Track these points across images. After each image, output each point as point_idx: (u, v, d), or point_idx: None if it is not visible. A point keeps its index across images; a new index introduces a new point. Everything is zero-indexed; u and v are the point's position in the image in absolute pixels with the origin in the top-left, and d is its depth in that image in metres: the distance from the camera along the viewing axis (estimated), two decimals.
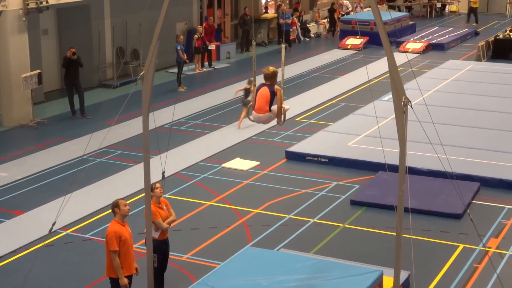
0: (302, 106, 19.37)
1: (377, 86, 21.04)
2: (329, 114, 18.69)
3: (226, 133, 17.03)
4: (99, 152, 15.12)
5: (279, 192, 13.26)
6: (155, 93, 19.25)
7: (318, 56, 27.24)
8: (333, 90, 21.39)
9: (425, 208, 12.20)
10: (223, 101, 19.97)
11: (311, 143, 15.76)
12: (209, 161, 15.04)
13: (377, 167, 13.74)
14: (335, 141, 15.82)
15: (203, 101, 20.06)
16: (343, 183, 13.72)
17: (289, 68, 24.41)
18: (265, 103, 8.94)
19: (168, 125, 16.58)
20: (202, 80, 23.21)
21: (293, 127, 17.39)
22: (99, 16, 21.85)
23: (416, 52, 27.40)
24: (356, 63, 25.37)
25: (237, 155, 15.32)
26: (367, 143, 15.41)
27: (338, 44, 29.13)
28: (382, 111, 16.79)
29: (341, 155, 14.86)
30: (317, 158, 14.90)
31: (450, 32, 31.11)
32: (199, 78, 23.54)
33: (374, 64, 24.67)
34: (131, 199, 12.58)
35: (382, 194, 12.69)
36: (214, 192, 13.27)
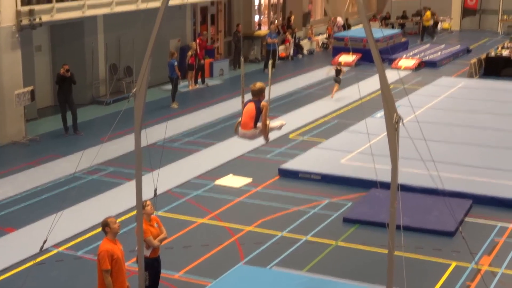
0: (295, 123, 19.39)
1: (369, 103, 21.10)
2: (322, 131, 18.72)
3: (219, 150, 17.03)
4: (91, 169, 15.09)
5: (272, 210, 13.24)
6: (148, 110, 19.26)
7: (311, 73, 27.32)
8: (326, 107, 21.43)
9: (418, 226, 12.19)
10: (216, 118, 19.99)
11: (304, 160, 15.76)
12: (201, 178, 15.02)
13: (369, 184, 13.74)
14: (328, 158, 15.83)
15: (196, 118, 20.07)
16: (335, 201, 13.71)
17: (282, 85, 24.47)
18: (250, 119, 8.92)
19: (160, 142, 16.58)
20: (195, 97, 23.23)
21: (286, 144, 17.40)
22: (93, 33, 21.89)
23: (409, 69, 27.52)
24: (349, 80, 25.44)
25: (229, 172, 15.31)
26: (359, 160, 15.42)
27: (331, 61, 29.21)
28: (375, 128, 16.82)
29: (334, 172, 14.86)
30: (310, 175, 14.91)
31: (443, 49, 31.27)
32: (192, 95, 23.56)
33: (366, 81, 24.74)
34: (123, 216, 12.54)
35: (374, 212, 12.68)
36: (207, 209, 13.24)
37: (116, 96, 22.12)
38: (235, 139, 17.00)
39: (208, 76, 25.81)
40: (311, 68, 28.43)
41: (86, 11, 19.40)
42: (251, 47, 29.83)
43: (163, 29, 8.10)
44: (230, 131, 17.68)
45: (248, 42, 29.70)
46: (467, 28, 39.22)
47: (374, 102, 20.84)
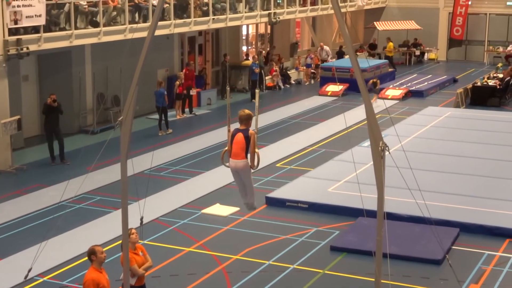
0: (283, 152, 19.44)
1: (356, 133, 21.20)
2: (309, 160, 18.76)
3: (206, 178, 17.02)
4: (77, 198, 15.03)
5: (259, 238, 13.22)
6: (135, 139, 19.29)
7: (299, 102, 27.45)
8: (313, 136, 21.51)
9: (405, 254, 12.19)
10: (203, 147, 20.00)
11: (291, 189, 15.77)
12: (188, 207, 15.00)
13: (356, 212, 13.75)
14: (315, 187, 15.85)
15: (183, 147, 20.08)
16: (323, 229, 13.71)
17: (270, 114, 24.56)
18: (241, 150, 8.98)
19: (147, 171, 16.55)
20: (182, 126, 23.26)
21: (273, 173, 17.42)
22: (80, 63, 21.94)
23: (396, 99, 27.70)
24: (336, 110, 25.59)
25: (217, 201, 15.29)
26: (347, 189, 15.45)
27: (319, 91, 29.39)
28: (361, 157, 16.89)
29: (321, 200, 14.88)
30: (297, 203, 14.91)
31: (429, 79, 31.52)
32: (180, 124, 23.59)
33: (353, 111, 24.88)
34: (110, 245, 12.47)
35: (361, 240, 12.68)
36: (194, 238, 13.20)
37: (103, 125, 22.12)
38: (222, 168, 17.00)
39: (196, 105, 25.88)
40: (299, 97, 28.57)
41: (73, 41, 19.48)
42: (238, 77, 29.98)
43: (150, 58, 8.16)
44: (217, 160, 17.72)
45: (236, 72, 29.86)
46: (454, 59, 39.60)
47: (361, 132, 20.94)
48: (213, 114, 25.25)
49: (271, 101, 27.42)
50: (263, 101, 27.28)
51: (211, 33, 28.97)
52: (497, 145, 19.95)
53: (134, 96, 8.08)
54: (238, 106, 23.82)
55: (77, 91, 21.89)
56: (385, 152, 7.45)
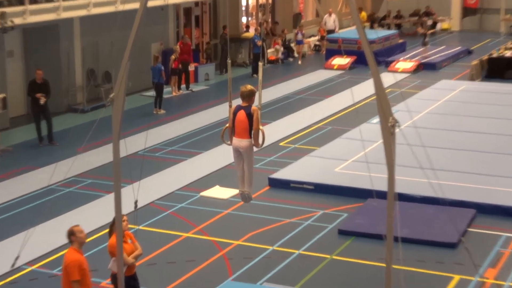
0: (286, 130, 19.39)
1: (365, 108, 21.13)
2: (315, 138, 18.72)
3: (205, 159, 16.99)
4: (67, 181, 15.02)
5: (262, 222, 13.21)
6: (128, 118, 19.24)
7: (303, 77, 27.36)
8: (319, 113, 21.45)
9: (418, 237, 12.18)
10: (201, 126, 19.96)
11: (296, 169, 15.75)
12: (186, 189, 14.98)
13: (365, 194, 13.73)
14: (321, 167, 15.82)
15: (179, 126, 20.04)
16: (330, 212, 13.70)
17: (272, 90, 24.47)
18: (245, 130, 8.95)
19: (141, 152, 16.53)
20: (179, 103, 23.21)
21: (276, 153, 17.39)
22: (69, 37, 21.83)
23: (407, 72, 27.60)
24: (343, 84, 25.50)
25: (216, 183, 15.27)
26: (355, 169, 15.43)
27: (324, 64, 29.27)
28: (370, 134, 16.84)
29: (328, 181, 14.86)
30: (302, 185, 14.89)
31: (442, 51, 31.39)
32: (176, 101, 23.53)
33: (361, 85, 24.79)
34: (102, 231, 12.45)
35: (371, 223, 12.67)
36: (192, 222, 13.19)
37: (93, 103, 22.06)
38: (221, 148, 17.00)
39: (193, 81, 25.79)
40: (303, 72, 28.47)
41: (61, 13, 19.35)
42: (238, 50, 29.87)
43: (143, 31, 8.10)
44: (216, 139, 17.70)
45: (236, 45, 29.74)
46: (468, 29, 39.39)
47: (370, 107, 20.86)
48: (211, 91, 25.18)
49: (273, 76, 27.33)
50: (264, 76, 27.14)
51: (208, 4, 28.80)
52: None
53: (126, 71, 8.02)
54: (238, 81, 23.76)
55: (66, 67, 21.80)
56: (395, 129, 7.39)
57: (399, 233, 7.64)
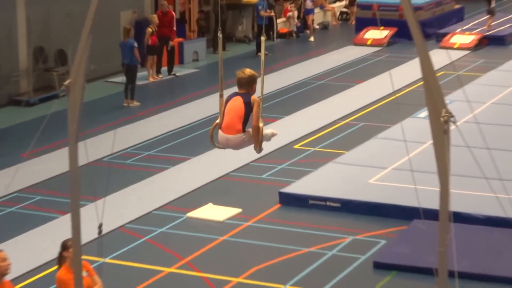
0: (302, 128, 19.39)
1: (408, 99, 21.12)
2: (341, 139, 18.72)
3: (193, 168, 16.99)
4: (8, 198, 15.03)
5: (271, 253, 13.22)
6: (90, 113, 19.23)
7: (325, 56, 27.38)
8: (347, 105, 21.46)
9: (481, 272, 12.17)
10: (189, 123, 19.95)
11: (316, 181, 15.74)
12: (168, 209, 14.98)
13: (410, 213, 13.72)
14: (350, 178, 15.82)
15: (159, 123, 20.05)
16: (362, 238, 13.71)
17: (284, 74, 24.48)
18: (237, 120, 8.84)
19: (108, 158, 16.52)
20: (158, 92, 23.23)
21: (289, 159, 17.39)
22: (9, 6, 21.85)
23: (465, 49, 27.59)
24: (379, 66, 25.49)
25: (209, 200, 15.27)
26: (395, 180, 15.42)
27: (354, 39, 29.29)
28: (416, 133, 16.83)
29: (359, 197, 14.84)
30: (325, 202, 14.89)
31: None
32: (154, 90, 23.56)
33: (404, 67, 24.80)
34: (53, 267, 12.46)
35: (417, 253, 12.67)
36: (176, 253, 13.21)
37: (43, 93, 22.09)
38: (215, 152, 17.00)
39: (177, 63, 25.82)
40: (326, 49, 28.48)
41: None
42: (238, 21, 29.93)
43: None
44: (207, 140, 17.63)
45: (235, 13, 29.79)
46: None
47: (415, 97, 20.87)
48: (201, 75, 25.20)
49: (285, 55, 27.35)
50: (274, 55, 27.20)
51: None
52: None
53: (87, 50, 8.04)
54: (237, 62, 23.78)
55: (6, 45, 21.84)
56: (450, 126, 7.40)
57: (455, 266, 7.65)
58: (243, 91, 8.97)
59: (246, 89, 8.98)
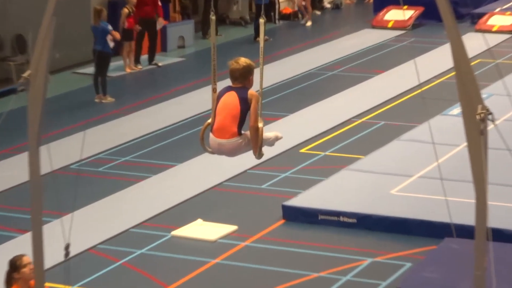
0: (310, 129, 19.42)
1: (437, 92, 21.17)
2: (357, 142, 18.74)
3: (179, 177, 17.00)
4: None
5: (272, 278, 13.24)
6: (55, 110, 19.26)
7: (338, 41, 27.40)
8: (364, 100, 21.50)
9: None
10: (173, 123, 19.97)
11: (327, 192, 15.75)
12: (149, 226, 14.99)
13: (440, 230, 13.73)
14: (368, 188, 15.83)
15: (137, 123, 20.05)
16: (383, 260, 13.72)
17: (287, 63, 24.52)
18: (231, 120, 8.82)
19: (76, 166, 16.55)
20: (136, 86, 23.26)
21: (295, 165, 17.40)
22: None
23: (505, 32, 27.61)
24: (403, 53, 25.53)
25: (198, 215, 15.28)
26: (422, 190, 15.43)
27: (372, 21, 29.32)
28: (447, 134, 16.87)
29: (379, 211, 14.85)
30: (337, 217, 14.89)
31: None
32: (131, 82, 23.58)
33: (431, 55, 24.83)
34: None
35: (449, 278, 12.68)
36: (159, 280, 13.23)
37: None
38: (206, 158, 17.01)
39: (160, 50, 25.84)
40: (338, 33, 28.50)
41: None
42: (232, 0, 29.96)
43: None
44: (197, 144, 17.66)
45: None
46: None
47: (445, 90, 20.91)
48: (189, 65, 25.23)
49: (289, 40, 27.37)
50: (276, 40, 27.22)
51: None
52: None
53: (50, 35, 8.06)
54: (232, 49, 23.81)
55: None
56: (487, 125, 7.43)
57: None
58: (238, 85, 8.94)
59: (241, 83, 8.95)
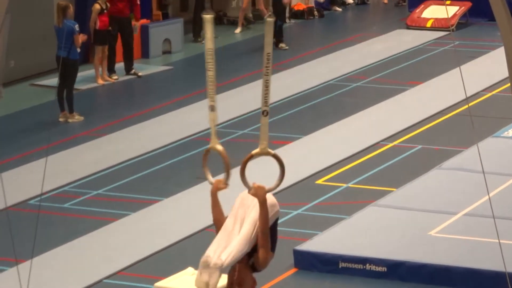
0: (329, 155, 19.48)
1: (489, 109, 21.22)
2: (387, 171, 18.79)
3: (165, 214, 17.03)
4: None
5: None
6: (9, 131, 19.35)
7: (364, 45, 27.50)
8: (395, 119, 21.56)
9: None
10: (158, 147, 19.99)
11: (350, 234, 15.79)
12: (127, 276, 15.04)
13: (491, 281, 13.79)
14: (401, 228, 15.88)
15: (112, 149, 20.10)
16: None
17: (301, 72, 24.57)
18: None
19: (35, 201, 16.61)
20: (110, 102, 23.35)
21: (310, 200, 17.42)
22: None
23: None
24: (445, 59, 25.59)
25: (188, 263, 15.32)
26: (468, 232, 15.47)
27: (407, 19, 29.43)
28: (499, 160, 16.92)
29: (415, 257, 14.89)
30: (363, 265, 14.93)
31: None
32: (105, 97, 23.67)
33: (482, 61, 24.89)
34: None
35: None
36: None
37: None
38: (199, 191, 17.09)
39: (139, 56, 25.91)
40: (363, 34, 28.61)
41: None
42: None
43: None
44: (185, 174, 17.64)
45: None
46: None
47: (499, 107, 20.97)
48: (176, 75, 25.30)
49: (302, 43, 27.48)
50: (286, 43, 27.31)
51: None
52: None
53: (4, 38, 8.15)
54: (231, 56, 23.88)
55: None
56: None
57: None
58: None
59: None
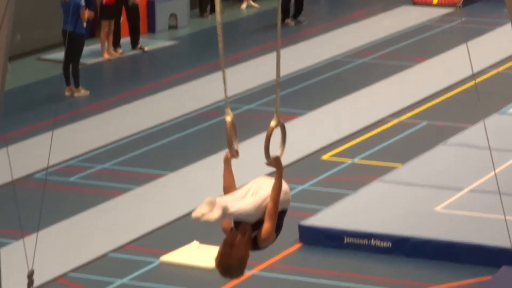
0: (335, 130, 19.49)
1: (495, 85, 21.18)
2: (393, 147, 18.77)
3: (170, 188, 17.01)
4: None
5: None
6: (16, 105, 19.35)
7: (370, 21, 27.45)
8: (402, 95, 21.54)
9: None
10: (163, 121, 19.96)
11: (355, 209, 15.77)
12: (132, 249, 15.02)
13: (497, 257, 13.78)
14: (406, 204, 15.85)
15: (118, 123, 20.07)
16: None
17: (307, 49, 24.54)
18: None
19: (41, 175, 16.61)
20: (116, 76, 23.31)
21: (315, 175, 17.40)
22: None
23: None
24: (451, 36, 25.53)
25: (193, 237, 15.30)
26: (474, 207, 15.45)
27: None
28: (506, 137, 16.88)
29: (420, 233, 14.87)
30: (368, 240, 14.92)
31: None
32: (111, 72, 23.64)
33: (488, 38, 24.84)
34: None
35: None
36: None
37: None
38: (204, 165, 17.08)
39: (146, 30, 25.87)
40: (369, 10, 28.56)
41: None
42: None
43: None
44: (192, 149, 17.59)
45: None
46: None
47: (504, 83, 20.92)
48: (182, 50, 25.25)
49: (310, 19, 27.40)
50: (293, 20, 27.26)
51: None
52: None
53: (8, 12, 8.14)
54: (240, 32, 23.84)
55: None
56: None
57: None
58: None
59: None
